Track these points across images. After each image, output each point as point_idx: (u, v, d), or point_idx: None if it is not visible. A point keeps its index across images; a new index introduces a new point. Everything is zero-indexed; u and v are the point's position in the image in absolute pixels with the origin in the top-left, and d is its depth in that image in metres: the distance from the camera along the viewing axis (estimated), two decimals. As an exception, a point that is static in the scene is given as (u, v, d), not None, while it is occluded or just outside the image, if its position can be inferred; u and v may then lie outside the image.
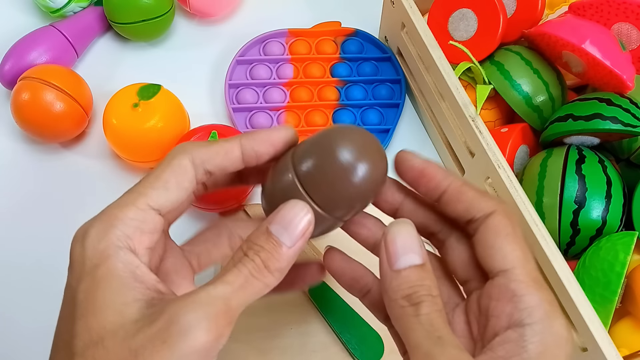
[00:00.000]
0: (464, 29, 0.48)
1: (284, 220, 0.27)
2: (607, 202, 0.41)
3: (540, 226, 0.39)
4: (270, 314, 0.43)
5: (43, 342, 0.38)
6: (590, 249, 0.40)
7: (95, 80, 0.52)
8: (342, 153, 0.27)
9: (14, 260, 0.47)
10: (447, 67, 0.45)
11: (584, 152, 0.43)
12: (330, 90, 0.53)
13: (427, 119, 0.52)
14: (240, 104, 0.52)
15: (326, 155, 0.28)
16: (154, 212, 0.28)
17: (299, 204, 0.28)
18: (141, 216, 0.27)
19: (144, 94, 0.46)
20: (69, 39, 0.53)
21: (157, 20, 0.53)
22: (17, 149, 0.51)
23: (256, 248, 0.27)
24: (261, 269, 0.27)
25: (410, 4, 0.47)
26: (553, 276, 0.38)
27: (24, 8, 0.58)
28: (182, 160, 0.28)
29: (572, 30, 0.43)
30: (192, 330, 0.24)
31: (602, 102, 0.42)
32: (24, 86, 0.47)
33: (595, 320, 0.36)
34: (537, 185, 0.43)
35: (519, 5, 0.48)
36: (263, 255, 0.27)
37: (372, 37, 0.55)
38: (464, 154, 0.47)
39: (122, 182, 0.49)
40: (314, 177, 0.28)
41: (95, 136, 0.52)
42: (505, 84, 0.46)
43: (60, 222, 0.48)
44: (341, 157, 0.27)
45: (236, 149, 0.29)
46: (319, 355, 0.42)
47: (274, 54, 0.55)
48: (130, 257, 0.27)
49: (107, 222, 0.27)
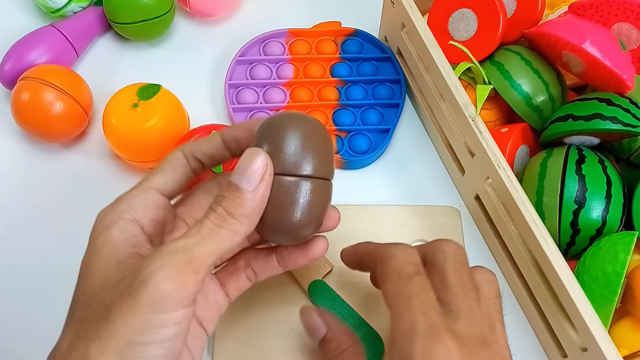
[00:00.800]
0: (464, 29, 0.48)
1: (240, 167, 0.30)
2: (607, 202, 0.41)
3: (540, 226, 0.39)
4: (270, 313, 0.43)
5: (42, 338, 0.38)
6: (590, 249, 0.40)
7: (95, 80, 0.52)
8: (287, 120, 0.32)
9: (14, 260, 0.47)
10: (447, 67, 0.45)
11: (584, 152, 0.43)
12: (330, 90, 0.53)
13: (427, 119, 0.52)
14: (240, 104, 0.52)
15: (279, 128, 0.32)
16: (155, 190, 0.32)
17: (252, 150, 0.30)
18: (144, 194, 0.32)
19: (143, 94, 0.46)
20: (69, 39, 0.53)
21: (157, 20, 0.53)
22: (17, 149, 0.51)
23: (219, 199, 0.29)
24: (224, 217, 0.29)
25: (410, 4, 0.47)
26: (553, 276, 0.38)
27: (24, 8, 0.58)
28: (174, 153, 0.34)
29: (572, 30, 0.43)
30: (153, 279, 0.26)
31: (602, 102, 0.42)
32: (24, 86, 0.47)
33: (595, 320, 0.36)
34: (537, 185, 0.43)
35: (519, 5, 0.48)
36: (225, 203, 0.29)
37: (372, 37, 0.55)
38: (464, 154, 0.47)
39: (122, 182, 0.49)
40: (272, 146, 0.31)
41: (95, 136, 0.52)
42: (505, 84, 0.46)
43: (61, 222, 0.48)
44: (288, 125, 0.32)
45: (217, 137, 0.34)
46: (319, 355, 0.42)
47: (274, 54, 0.55)
48: (130, 226, 0.30)
49: (115, 202, 0.31)
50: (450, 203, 0.50)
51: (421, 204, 0.49)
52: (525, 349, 0.45)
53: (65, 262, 0.46)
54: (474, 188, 0.47)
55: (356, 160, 0.51)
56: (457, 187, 0.51)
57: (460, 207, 0.50)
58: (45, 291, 0.45)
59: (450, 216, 0.48)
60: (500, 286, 0.47)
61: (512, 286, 0.46)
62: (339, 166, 0.51)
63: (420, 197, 0.50)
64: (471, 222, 0.49)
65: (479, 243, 0.49)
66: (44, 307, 0.45)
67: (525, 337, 0.45)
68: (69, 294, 0.39)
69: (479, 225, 0.49)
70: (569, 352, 0.41)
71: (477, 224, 0.49)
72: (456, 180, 0.51)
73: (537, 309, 0.43)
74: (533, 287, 0.43)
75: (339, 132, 0.52)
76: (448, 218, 0.48)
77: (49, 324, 0.44)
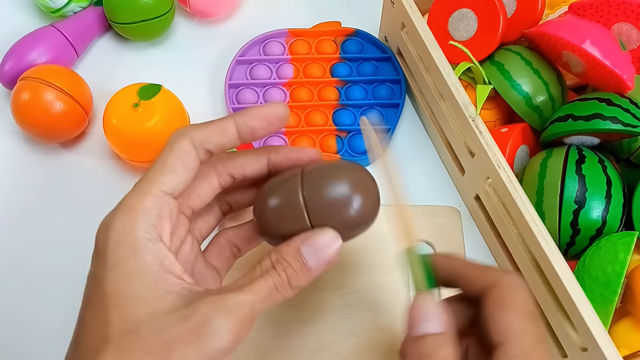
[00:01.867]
0: (464, 29, 0.48)
1: (315, 245, 0.30)
2: (607, 202, 0.41)
3: (540, 226, 0.39)
4: (270, 313, 0.43)
5: (42, 336, 0.38)
6: (590, 249, 0.40)
7: (95, 80, 0.52)
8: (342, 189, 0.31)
9: (14, 260, 0.47)
10: (447, 67, 0.45)
11: (584, 152, 0.43)
12: (330, 90, 0.53)
13: (427, 119, 0.52)
14: (240, 104, 0.52)
15: (330, 190, 0.31)
16: (169, 196, 0.30)
17: (331, 233, 0.30)
18: (159, 203, 0.29)
19: (144, 94, 0.46)
20: (69, 39, 0.53)
21: (157, 20, 0.53)
22: (17, 149, 0.51)
23: (284, 264, 0.29)
24: (285, 285, 0.29)
25: (410, 4, 0.47)
26: (553, 276, 0.38)
27: (24, 8, 0.58)
28: (182, 143, 0.30)
29: (572, 30, 0.43)
30: (220, 332, 0.26)
31: (602, 102, 0.42)
32: (24, 86, 0.47)
33: (595, 320, 0.36)
34: (537, 185, 0.43)
35: (519, 5, 0.48)
36: (289, 272, 0.29)
37: (372, 37, 0.55)
38: (464, 154, 0.47)
39: (122, 182, 0.49)
40: (318, 206, 0.31)
41: (95, 136, 0.52)
42: (505, 84, 0.46)
43: (61, 222, 0.48)
44: (342, 192, 0.31)
45: (231, 126, 0.31)
46: (319, 355, 0.42)
47: (274, 54, 0.55)
48: (158, 248, 0.29)
49: (129, 214, 0.29)
50: (450, 203, 0.50)
51: (421, 204, 0.49)
52: (525, 349, 0.45)
53: (65, 262, 0.46)
54: (474, 188, 0.47)
55: (356, 161, 0.51)
56: (457, 187, 0.51)
57: (460, 207, 0.50)
58: (44, 291, 0.45)
59: (450, 216, 0.48)
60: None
61: (512, 286, 0.46)
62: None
63: (420, 197, 0.50)
64: (471, 222, 0.49)
65: (479, 243, 0.49)
66: (44, 307, 0.45)
67: (525, 337, 0.45)
68: (68, 294, 0.39)
69: (479, 225, 0.49)
70: (569, 352, 0.41)
71: (477, 224, 0.49)
72: (456, 180, 0.51)
73: (537, 309, 0.43)
74: (533, 287, 0.43)
75: (339, 132, 0.52)
76: (448, 218, 0.48)
77: (48, 323, 0.44)
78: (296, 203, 0.31)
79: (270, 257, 0.30)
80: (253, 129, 0.32)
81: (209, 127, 0.31)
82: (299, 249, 0.30)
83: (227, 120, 0.31)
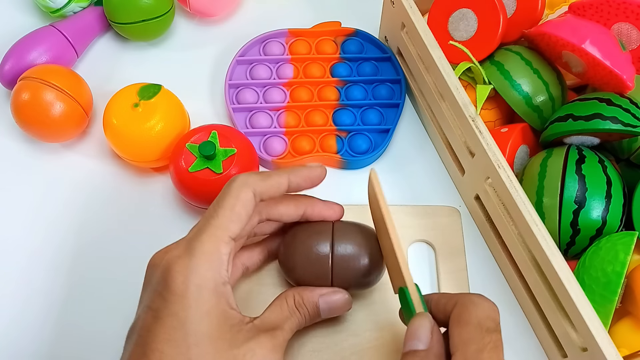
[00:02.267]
0: (464, 29, 0.48)
1: (331, 302, 0.38)
2: (607, 202, 0.41)
3: (540, 226, 0.39)
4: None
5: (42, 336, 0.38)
6: (590, 249, 0.40)
7: (95, 80, 0.52)
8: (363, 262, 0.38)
9: (14, 260, 0.47)
10: (447, 67, 0.45)
11: (584, 152, 0.43)
12: (330, 90, 0.53)
13: (427, 119, 0.52)
14: (240, 104, 0.52)
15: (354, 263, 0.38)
16: (233, 241, 0.34)
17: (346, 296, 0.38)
18: (229, 249, 0.34)
19: (144, 94, 0.46)
20: (69, 39, 0.53)
21: (157, 20, 0.53)
22: (17, 149, 0.51)
23: (304, 310, 0.37)
24: (303, 323, 0.38)
25: (410, 4, 0.47)
26: (553, 276, 0.38)
27: (24, 8, 0.58)
28: (247, 194, 0.35)
29: (572, 30, 0.43)
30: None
31: (602, 102, 0.42)
32: (24, 86, 0.47)
33: (595, 320, 0.36)
34: (537, 185, 0.43)
35: (519, 5, 0.48)
36: (307, 316, 0.38)
37: (372, 37, 0.55)
38: (464, 154, 0.47)
39: (122, 182, 0.49)
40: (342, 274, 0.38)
41: (95, 136, 0.52)
42: (505, 84, 0.46)
43: (61, 222, 0.48)
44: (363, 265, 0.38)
45: (285, 183, 0.37)
46: (319, 355, 0.42)
47: (274, 54, 0.55)
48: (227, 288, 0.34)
49: (209, 260, 0.33)
50: (450, 203, 0.50)
51: (421, 204, 0.49)
52: (525, 349, 0.45)
53: (65, 262, 0.46)
54: (474, 188, 0.47)
55: (356, 160, 0.51)
56: (457, 187, 0.51)
57: (460, 207, 0.50)
58: (46, 292, 0.45)
59: (450, 216, 0.48)
60: (501, 286, 0.47)
61: (512, 286, 0.46)
62: (339, 166, 0.51)
63: (420, 197, 0.50)
64: (471, 222, 0.49)
65: (479, 243, 0.49)
66: (45, 305, 0.45)
67: (525, 337, 0.45)
68: (69, 293, 0.39)
69: (479, 225, 0.49)
70: (569, 352, 0.41)
71: (477, 224, 0.49)
72: (456, 180, 0.51)
73: (537, 309, 0.43)
74: (533, 287, 0.43)
75: (339, 132, 0.52)
76: (448, 218, 0.48)
77: (48, 323, 0.44)
78: (324, 264, 0.38)
79: (294, 298, 0.37)
80: (299, 186, 0.38)
81: (268, 181, 0.36)
82: (318, 301, 0.37)
83: (282, 177, 0.37)
